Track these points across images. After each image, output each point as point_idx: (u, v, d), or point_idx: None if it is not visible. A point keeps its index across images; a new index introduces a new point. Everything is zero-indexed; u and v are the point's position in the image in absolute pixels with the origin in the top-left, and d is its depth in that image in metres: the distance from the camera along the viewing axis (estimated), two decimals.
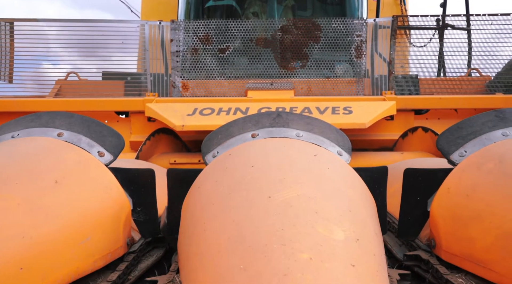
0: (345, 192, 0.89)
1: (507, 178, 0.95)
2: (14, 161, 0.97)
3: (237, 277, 0.57)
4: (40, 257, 0.80)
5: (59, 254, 0.85)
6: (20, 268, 0.75)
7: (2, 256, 0.72)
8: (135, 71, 3.27)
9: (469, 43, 2.98)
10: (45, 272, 0.81)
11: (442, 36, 3.24)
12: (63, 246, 0.87)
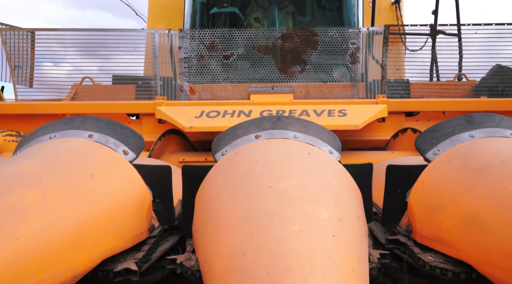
0: (333, 183, 1.07)
1: (468, 173, 1.12)
2: (57, 158, 1.15)
3: (246, 243, 0.75)
4: (85, 235, 0.98)
5: (98, 234, 1.03)
6: (71, 244, 0.93)
7: (58, 234, 0.91)
8: (142, 74, 3.45)
9: (460, 49, 3.16)
10: (89, 248, 0.99)
11: (434, 42, 3.42)
12: (101, 228, 1.05)
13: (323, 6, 4.52)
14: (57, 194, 0.99)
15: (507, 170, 1.03)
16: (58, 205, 0.97)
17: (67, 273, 0.91)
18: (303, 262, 0.65)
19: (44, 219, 0.90)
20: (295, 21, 4.30)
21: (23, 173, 1.02)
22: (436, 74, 3.54)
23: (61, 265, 0.89)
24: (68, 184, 1.04)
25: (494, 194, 0.99)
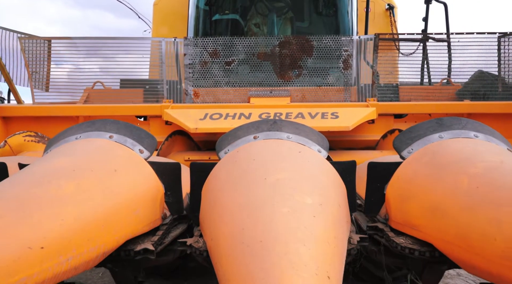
0: (318, 177, 1.27)
1: (434, 168, 1.32)
2: (85, 155, 1.35)
3: (244, 222, 0.94)
4: (112, 219, 1.18)
5: (122, 219, 1.23)
6: (102, 225, 1.13)
7: (92, 217, 1.10)
8: (147, 77, 3.65)
9: (449, 54, 3.35)
10: (116, 230, 1.19)
11: (424, 47, 3.62)
12: (124, 214, 1.24)
13: (320, 12, 4.70)
14: (89, 186, 1.19)
15: (465, 166, 1.23)
16: (90, 194, 1.16)
17: (99, 249, 1.11)
18: (287, 233, 0.85)
19: (80, 205, 1.10)
20: (293, 27, 4.49)
21: (59, 168, 1.22)
22: (428, 77, 3.74)
23: (95, 242, 1.09)
24: (97, 177, 1.24)
25: (453, 187, 1.19)
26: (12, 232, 0.88)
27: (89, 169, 1.25)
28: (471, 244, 1.04)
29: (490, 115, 2.82)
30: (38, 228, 0.94)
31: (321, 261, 0.80)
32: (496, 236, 0.97)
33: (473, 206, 1.07)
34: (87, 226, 1.07)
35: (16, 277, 0.84)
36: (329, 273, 0.78)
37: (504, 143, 1.47)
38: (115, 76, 3.25)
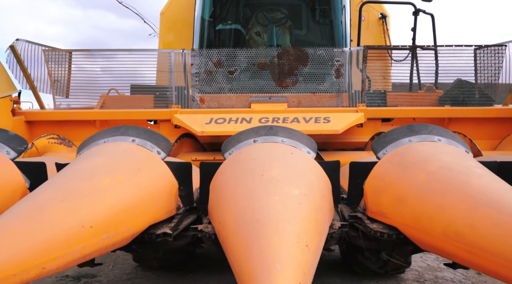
0: (306, 173, 1.54)
1: (401, 167, 1.59)
2: (115, 156, 1.63)
3: (245, 208, 1.22)
4: (139, 207, 1.46)
5: (146, 207, 1.51)
6: (131, 212, 1.41)
7: (124, 205, 1.38)
8: (154, 83, 3.93)
9: (436, 61, 3.62)
10: (142, 216, 1.47)
11: (413, 56, 3.90)
12: (148, 203, 1.52)
13: (317, 21, 4.98)
14: (120, 180, 1.47)
15: (424, 165, 1.50)
16: (122, 187, 1.44)
17: (130, 230, 1.39)
18: (277, 215, 1.12)
19: (115, 196, 1.38)
20: (292, 35, 4.77)
21: (96, 167, 1.50)
22: (418, 81, 4.02)
23: (127, 225, 1.37)
24: (125, 173, 1.52)
25: (412, 181, 1.46)
26: (72, 214, 1.16)
27: (119, 167, 1.53)
28: (423, 226, 1.32)
29: (468, 119, 3.09)
30: (88, 212, 1.22)
31: (302, 234, 1.08)
32: (439, 218, 1.24)
33: (425, 196, 1.34)
34: (121, 212, 1.35)
35: (75, 248, 1.12)
36: (308, 243, 1.05)
37: (462, 145, 1.74)
38: (127, 83, 3.54)
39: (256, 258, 0.95)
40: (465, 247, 1.15)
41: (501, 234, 1.06)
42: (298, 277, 0.90)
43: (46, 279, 4.48)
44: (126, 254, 5.35)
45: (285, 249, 0.96)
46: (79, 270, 4.80)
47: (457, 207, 1.21)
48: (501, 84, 3.08)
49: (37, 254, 1.00)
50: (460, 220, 1.17)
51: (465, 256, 1.16)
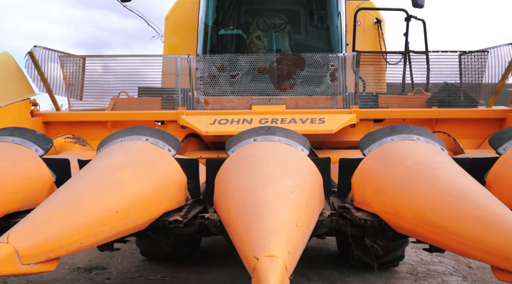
0: (299, 168, 1.76)
1: (382, 163, 1.81)
2: (132, 153, 1.85)
3: (246, 197, 1.44)
4: (155, 197, 1.68)
5: (161, 198, 1.73)
6: (148, 201, 1.63)
7: (143, 195, 1.60)
8: (159, 85, 4.14)
9: (427, 65, 3.83)
10: (157, 205, 1.69)
11: (405, 60, 4.12)
12: (162, 194, 1.75)
13: (315, 26, 5.20)
14: (138, 174, 1.69)
15: (402, 161, 1.72)
16: (140, 180, 1.67)
17: (147, 217, 1.62)
18: (273, 201, 1.34)
19: (135, 187, 1.60)
20: (291, 39, 4.98)
21: (117, 162, 1.72)
22: (411, 83, 4.23)
23: (145, 212, 1.59)
24: (142, 168, 1.74)
25: (391, 175, 1.68)
26: (102, 201, 1.39)
27: (136, 163, 1.76)
28: (398, 212, 1.54)
29: (454, 120, 3.31)
30: (114, 200, 1.44)
31: (293, 217, 1.29)
32: (411, 206, 1.46)
33: (401, 188, 1.56)
34: (140, 201, 1.58)
35: (105, 228, 1.35)
36: (297, 223, 1.27)
37: (438, 143, 1.96)
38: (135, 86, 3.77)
39: (255, 233, 1.17)
40: (430, 228, 1.36)
41: (458, 216, 1.28)
42: (288, 248, 1.12)
43: (60, 271, 4.72)
44: (133, 249, 5.59)
45: (278, 227, 1.18)
46: (90, 262, 5.04)
47: (425, 196, 1.43)
48: (484, 85, 3.30)
49: (77, 232, 1.23)
50: (427, 206, 1.39)
51: (430, 236, 1.38)
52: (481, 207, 1.24)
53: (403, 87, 4.18)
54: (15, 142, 2.00)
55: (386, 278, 4.75)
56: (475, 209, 1.23)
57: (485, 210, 1.22)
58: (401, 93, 3.76)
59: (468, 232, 1.22)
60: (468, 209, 1.25)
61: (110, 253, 5.55)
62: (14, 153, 1.91)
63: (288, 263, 1.08)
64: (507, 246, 1.09)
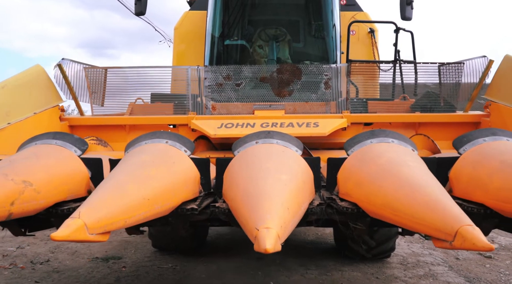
0: (293, 165, 2.13)
1: (361, 161, 2.18)
2: (156, 153, 2.23)
3: (249, 188, 1.81)
4: (175, 189, 2.05)
5: (180, 189, 2.10)
6: (171, 192, 2.01)
7: (166, 187, 1.98)
8: (169, 91, 4.53)
9: (415, 74, 4.20)
10: (177, 195, 2.06)
11: (395, 68, 4.49)
12: (181, 187, 2.12)
13: (313, 35, 5.58)
14: (162, 170, 2.07)
15: (376, 159, 2.09)
16: (164, 175, 2.04)
17: (170, 205, 1.99)
18: (270, 191, 1.72)
19: (160, 180, 1.98)
20: (290, 47, 5.36)
21: (144, 161, 2.10)
22: (403, 89, 4.59)
23: (168, 201, 1.97)
24: (165, 166, 2.12)
25: (367, 171, 2.05)
26: (137, 191, 1.77)
27: (160, 161, 2.14)
28: (371, 201, 1.91)
29: (435, 124, 3.67)
30: (145, 190, 1.82)
31: (285, 202, 1.67)
32: (380, 195, 1.83)
33: (373, 181, 1.93)
34: (164, 191, 1.96)
35: (140, 211, 1.73)
36: (288, 207, 1.65)
37: (410, 145, 2.33)
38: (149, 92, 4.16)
39: (256, 213, 1.55)
40: (393, 212, 1.74)
41: (412, 202, 1.65)
42: (280, 223, 1.50)
43: (80, 260, 5.13)
44: (145, 242, 6.02)
45: (273, 208, 1.56)
46: (106, 253, 5.45)
47: (390, 187, 1.80)
48: (461, 92, 3.66)
49: (122, 213, 1.61)
50: (391, 195, 1.76)
51: (394, 218, 1.75)
52: (428, 195, 1.61)
53: (393, 94, 4.54)
54: (58, 144, 2.39)
55: (378, 267, 5.12)
56: (423, 196, 1.61)
57: (430, 196, 1.59)
58: (388, 99, 4.13)
59: (418, 213, 1.59)
60: (419, 196, 1.62)
61: (124, 245, 5.97)
62: (58, 153, 2.29)
63: (280, 233, 1.46)
64: (440, 221, 1.46)
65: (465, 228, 1.37)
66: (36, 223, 2.42)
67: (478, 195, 2.01)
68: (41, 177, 2.00)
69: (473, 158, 2.16)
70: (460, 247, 1.37)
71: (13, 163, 2.02)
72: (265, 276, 4.68)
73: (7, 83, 3.08)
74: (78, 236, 1.42)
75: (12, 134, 2.95)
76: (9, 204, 1.80)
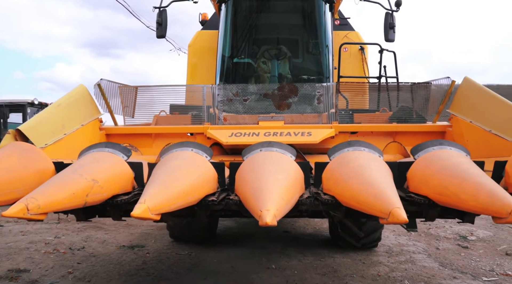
0: (288, 168, 2.81)
1: (338, 165, 2.85)
2: (185, 159, 2.93)
3: (255, 183, 2.50)
4: (200, 186, 2.74)
5: (204, 185, 2.78)
6: (198, 187, 2.71)
7: (194, 183, 2.68)
8: (183, 101, 5.22)
9: (397, 89, 4.86)
10: (202, 189, 2.75)
11: (379, 83, 5.16)
12: (205, 183, 2.80)
13: (310, 52, 6.25)
14: (191, 171, 2.76)
15: (349, 163, 2.77)
16: (192, 175, 2.73)
17: (197, 196, 2.68)
18: (269, 186, 2.39)
19: (190, 179, 2.67)
20: (290, 63, 6.04)
21: (177, 164, 2.79)
22: (389, 102, 5.26)
23: (196, 194, 2.66)
24: (193, 168, 2.81)
25: (342, 173, 2.72)
26: (177, 186, 2.46)
27: (189, 164, 2.83)
28: (342, 194, 2.58)
29: (408, 133, 4.33)
30: (182, 185, 2.52)
31: (280, 194, 2.35)
32: (348, 189, 2.51)
33: (345, 180, 2.61)
34: (193, 187, 2.64)
35: (179, 200, 2.42)
36: (283, 197, 2.32)
37: (377, 152, 3.00)
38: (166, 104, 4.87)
39: (260, 201, 2.23)
40: (356, 202, 2.41)
41: (366, 194, 2.32)
42: (277, 207, 2.17)
43: (110, 248, 5.85)
44: (162, 234, 6.74)
45: (272, 198, 2.24)
46: (131, 242, 6.18)
47: (355, 183, 2.47)
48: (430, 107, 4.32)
49: (168, 201, 2.30)
50: (355, 189, 2.44)
51: (356, 205, 2.41)
52: (377, 189, 2.28)
53: (378, 105, 5.22)
54: (109, 151, 3.09)
55: (365, 255, 5.81)
56: (374, 189, 2.28)
57: (379, 190, 2.27)
58: (371, 111, 4.80)
59: (370, 202, 2.26)
60: (371, 189, 2.30)
61: (145, 236, 6.69)
62: (111, 158, 2.99)
63: (277, 214, 2.14)
64: (383, 207, 2.13)
65: (395, 209, 2.06)
66: (94, 212, 3.14)
67: (424, 190, 2.68)
68: (103, 176, 2.70)
69: (422, 162, 2.83)
70: (391, 222, 2.05)
71: (82, 166, 2.72)
72: (267, 261, 5.37)
73: (61, 102, 3.79)
74: (144, 214, 2.12)
75: (67, 142, 3.66)
76: (85, 195, 2.50)
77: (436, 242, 6.80)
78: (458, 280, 4.69)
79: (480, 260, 5.68)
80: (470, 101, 3.82)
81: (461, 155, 2.85)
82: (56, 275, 4.51)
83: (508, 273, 5.06)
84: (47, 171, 2.89)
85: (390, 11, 5.73)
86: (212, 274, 4.79)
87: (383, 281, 4.65)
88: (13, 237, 6.40)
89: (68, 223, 7.59)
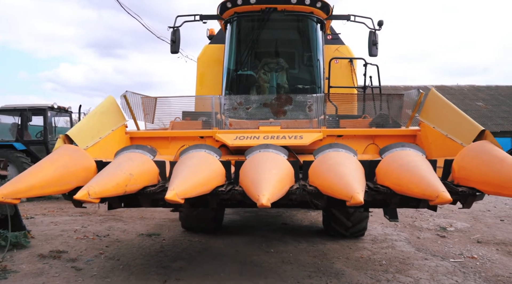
0: (281, 165, 3.51)
1: (321, 163, 3.56)
2: (200, 158, 3.64)
3: (255, 176, 3.20)
4: (213, 179, 3.45)
5: (215, 179, 3.48)
6: (211, 180, 3.42)
7: (208, 177, 3.39)
8: (193, 109, 5.94)
9: (381, 98, 5.56)
10: (214, 182, 3.46)
11: (365, 92, 5.87)
12: (216, 177, 3.51)
13: (305, 64, 6.96)
14: (204, 168, 3.47)
15: (328, 162, 3.47)
16: (206, 170, 3.44)
17: (210, 186, 3.39)
18: (266, 178, 3.09)
19: (205, 173, 3.38)
20: (287, 74, 6.76)
21: (194, 162, 3.51)
22: (374, 109, 5.96)
23: (209, 184, 3.36)
24: (206, 165, 3.53)
25: (322, 168, 3.43)
26: (196, 178, 3.18)
27: (203, 162, 3.55)
28: (322, 184, 3.28)
29: (385, 136, 5.01)
30: (199, 178, 3.24)
31: (274, 184, 3.05)
32: (326, 181, 3.21)
33: (324, 173, 3.31)
34: (207, 179, 3.35)
35: (197, 189, 3.14)
36: (276, 187, 3.01)
37: (352, 152, 3.71)
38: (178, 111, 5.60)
39: (258, 189, 2.93)
40: (331, 190, 3.11)
41: (338, 184, 3.03)
42: (271, 194, 2.87)
43: (130, 235, 6.58)
44: (175, 225, 7.47)
45: (267, 187, 2.95)
46: (147, 231, 6.93)
47: (331, 177, 3.18)
48: (403, 114, 5.02)
49: (189, 189, 3.03)
50: (333, 181, 3.13)
51: (331, 193, 3.12)
52: (346, 179, 2.98)
53: (363, 111, 5.92)
54: (139, 152, 3.81)
55: (353, 242, 6.52)
56: (344, 181, 2.98)
57: (347, 180, 2.96)
58: (354, 117, 5.51)
59: (340, 190, 2.96)
60: (342, 180, 3.01)
61: (160, 226, 7.43)
62: (141, 158, 3.71)
63: (270, 198, 2.83)
64: (348, 193, 2.83)
65: (355, 194, 2.77)
66: (127, 200, 3.87)
67: (387, 182, 3.39)
68: (136, 171, 3.42)
69: (387, 161, 3.54)
70: (351, 204, 2.77)
71: (121, 163, 3.45)
72: (267, 246, 6.09)
73: (96, 111, 4.52)
74: (174, 198, 2.84)
75: (102, 145, 4.38)
76: (125, 185, 3.22)
77: (418, 232, 7.49)
78: (428, 261, 5.39)
79: (453, 246, 6.37)
80: (434, 110, 4.51)
81: (417, 154, 3.56)
82: (90, 255, 5.25)
83: (474, 256, 5.75)
84: (91, 168, 3.63)
85: (374, 30, 6.42)
86: (219, 255, 5.52)
87: (365, 261, 5.35)
88: (45, 226, 7.15)
89: (90, 215, 8.33)
